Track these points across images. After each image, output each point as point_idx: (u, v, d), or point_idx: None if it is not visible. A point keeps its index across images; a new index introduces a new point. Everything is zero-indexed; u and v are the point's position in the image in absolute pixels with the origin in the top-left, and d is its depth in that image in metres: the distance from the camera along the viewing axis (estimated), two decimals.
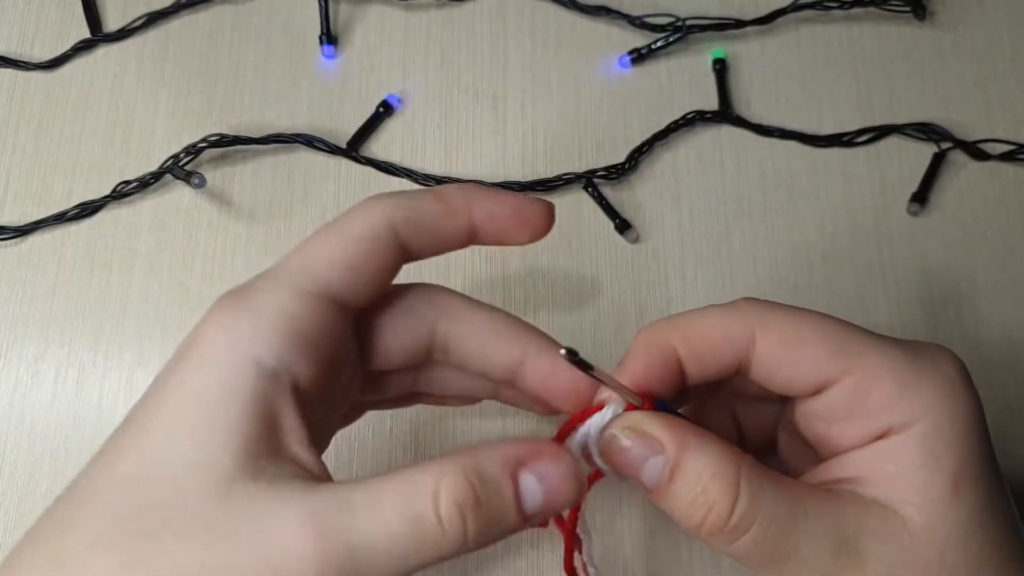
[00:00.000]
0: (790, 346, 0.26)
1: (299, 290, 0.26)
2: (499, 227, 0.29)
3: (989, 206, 0.46)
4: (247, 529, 0.22)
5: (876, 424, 0.25)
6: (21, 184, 0.47)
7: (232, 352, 0.24)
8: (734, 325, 0.27)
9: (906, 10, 0.49)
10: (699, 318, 0.28)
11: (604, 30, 0.50)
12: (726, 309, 0.27)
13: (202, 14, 0.50)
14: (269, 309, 0.25)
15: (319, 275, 0.26)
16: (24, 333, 0.44)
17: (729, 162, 0.47)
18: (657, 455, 0.25)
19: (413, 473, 0.23)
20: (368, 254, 0.27)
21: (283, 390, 0.24)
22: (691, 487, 0.25)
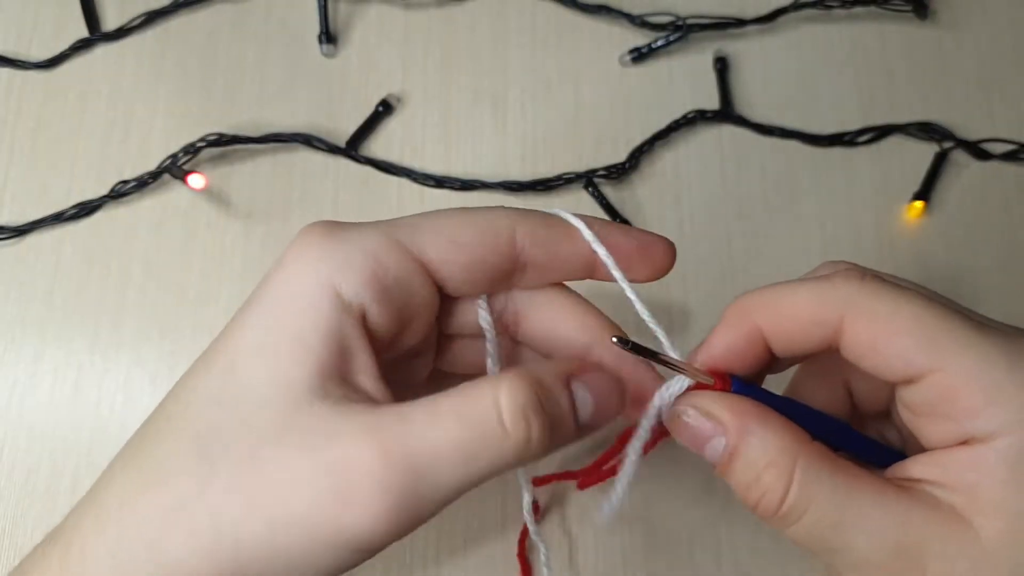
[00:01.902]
0: (878, 336, 0.25)
1: (392, 240, 0.26)
2: (622, 261, 0.28)
3: (991, 206, 0.46)
4: (313, 444, 0.23)
5: (960, 429, 0.24)
6: (19, 184, 0.47)
7: (316, 278, 0.25)
8: (824, 308, 0.26)
9: (908, 9, 0.49)
10: (790, 295, 0.27)
11: (605, 29, 0.50)
12: (819, 286, 0.26)
13: (201, 13, 0.50)
14: (358, 247, 0.26)
15: (419, 236, 0.26)
16: (22, 334, 0.44)
17: (730, 161, 0.47)
18: (719, 436, 0.26)
19: (471, 386, 0.24)
20: (477, 242, 0.27)
21: (356, 323, 0.25)
22: (747, 473, 0.25)
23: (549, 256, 0.28)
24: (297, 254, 0.26)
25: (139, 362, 0.43)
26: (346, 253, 0.25)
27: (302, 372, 0.24)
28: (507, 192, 0.46)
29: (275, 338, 0.24)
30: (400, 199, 0.46)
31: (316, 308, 0.25)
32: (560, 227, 0.28)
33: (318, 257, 0.25)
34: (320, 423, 0.23)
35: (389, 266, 0.26)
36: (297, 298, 0.25)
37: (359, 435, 0.23)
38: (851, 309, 0.25)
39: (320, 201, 0.46)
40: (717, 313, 0.45)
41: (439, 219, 0.27)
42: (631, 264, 0.29)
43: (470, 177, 0.47)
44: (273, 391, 0.24)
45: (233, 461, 0.23)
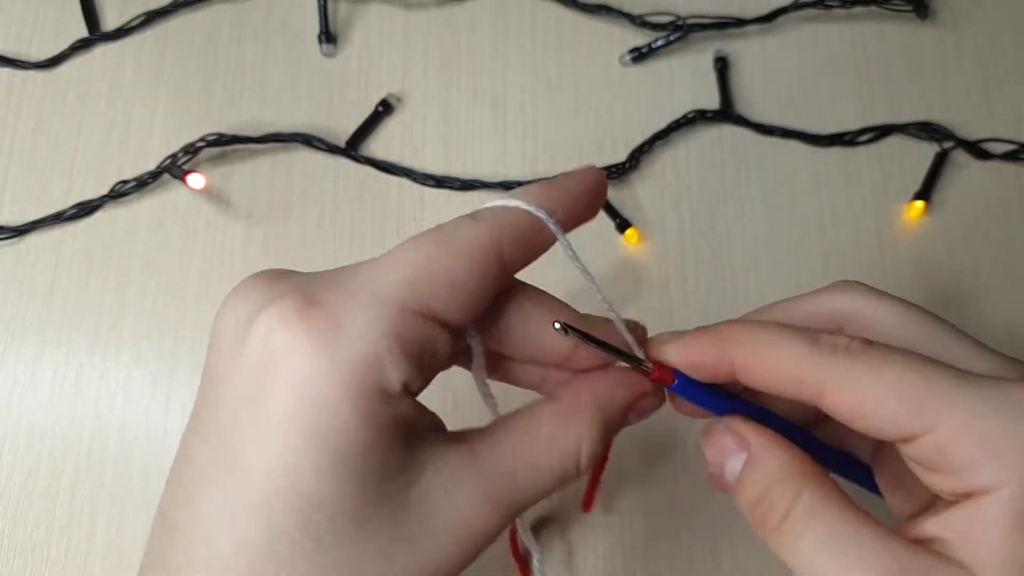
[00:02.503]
0: (863, 404, 0.25)
1: (397, 307, 0.23)
2: (576, 217, 0.29)
3: (991, 206, 0.46)
4: (440, 528, 0.24)
5: (956, 484, 0.24)
6: (18, 184, 0.47)
7: (345, 387, 0.22)
8: (807, 371, 0.25)
9: (908, 9, 0.49)
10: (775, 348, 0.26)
11: (605, 29, 0.50)
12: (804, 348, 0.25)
13: (200, 13, 0.50)
14: (369, 332, 0.22)
15: (419, 292, 0.24)
16: (21, 333, 0.44)
17: (730, 161, 0.47)
18: (741, 453, 0.27)
19: (557, 433, 0.26)
20: (473, 275, 0.25)
21: (407, 400, 0.24)
22: (758, 485, 0.26)
23: (528, 257, 0.27)
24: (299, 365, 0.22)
25: (139, 362, 0.43)
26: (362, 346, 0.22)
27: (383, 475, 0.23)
28: (507, 192, 0.46)
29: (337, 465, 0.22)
30: (400, 199, 0.46)
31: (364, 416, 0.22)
32: (529, 220, 0.27)
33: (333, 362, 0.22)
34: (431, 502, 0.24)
35: (411, 338, 0.23)
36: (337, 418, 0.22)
37: (473, 499, 0.25)
38: (832, 378, 0.25)
39: (320, 201, 0.46)
40: (717, 313, 0.45)
41: (429, 258, 0.24)
42: (583, 213, 0.29)
43: (470, 177, 0.47)
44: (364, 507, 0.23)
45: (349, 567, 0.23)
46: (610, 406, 0.27)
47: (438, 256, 0.24)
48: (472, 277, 0.25)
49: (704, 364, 0.27)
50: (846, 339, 0.25)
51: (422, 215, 0.46)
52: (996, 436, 0.24)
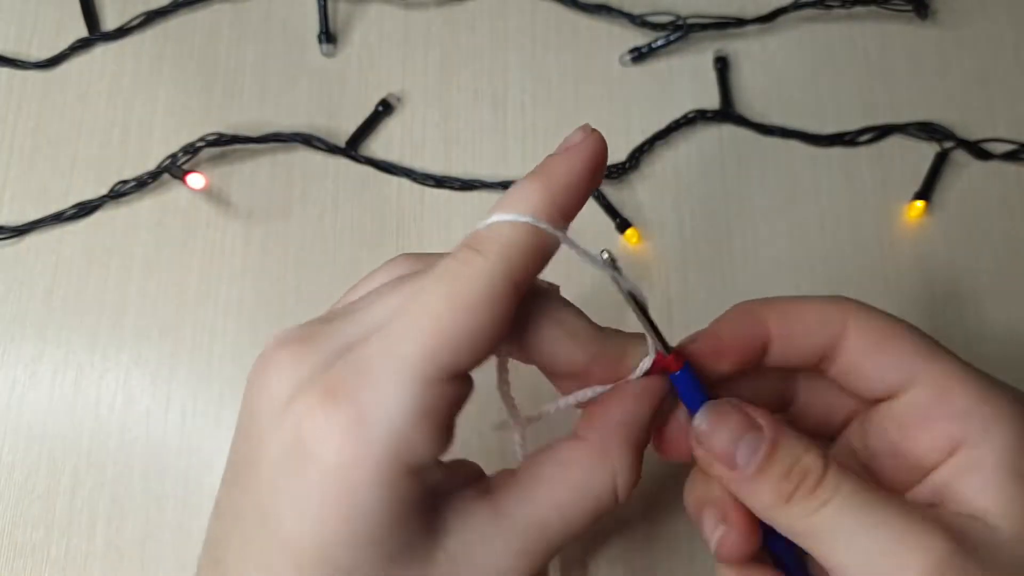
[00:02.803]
0: (881, 340, 0.27)
1: (424, 381, 0.23)
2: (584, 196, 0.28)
3: (992, 206, 0.46)
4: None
5: (953, 430, 0.26)
6: (18, 184, 0.47)
7: (376, 470, 0.22)
8: (831, 311, 0.28)
9: (908, 9, 0.49)
10: (798, 300, 0.29)
11: (605, 29, 0.50)
12: (823, 298, 0.29)
13: (200, 13, 0.50)
14: (396, 413, 0.23)
15: (444, 356, 0.23)
16: (21, 333, 0.44)
17: (730, 161, 0.47)
18: (753, 432, 0.27)
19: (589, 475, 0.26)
20: (495, 320, 0.24)
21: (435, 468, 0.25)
22: (789, 457, 0.26)
23: (539, 270, 0.26)
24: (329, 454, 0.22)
25: (139, 362, 0.43)
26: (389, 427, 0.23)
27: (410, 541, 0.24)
28: (506, 198, 0.46)
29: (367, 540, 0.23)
30: (400, 199, 0.46)
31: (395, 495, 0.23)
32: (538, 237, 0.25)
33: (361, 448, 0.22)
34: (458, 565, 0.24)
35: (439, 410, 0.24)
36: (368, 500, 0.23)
37: (504, 555, 0.25)
38: (855, 317, 0.28)
39: (320, 201, 0.46)
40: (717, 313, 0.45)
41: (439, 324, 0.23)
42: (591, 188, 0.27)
43: (470, 177, 0.47)
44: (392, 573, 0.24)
45: None
46: (636, 428, 0.27)
47: (452, 316, 0.23)
48: (489, 324, 0.24)
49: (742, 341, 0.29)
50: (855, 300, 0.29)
51: (422, 215, 0.46)
52: (988, 388, 0.26)
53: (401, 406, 0.23)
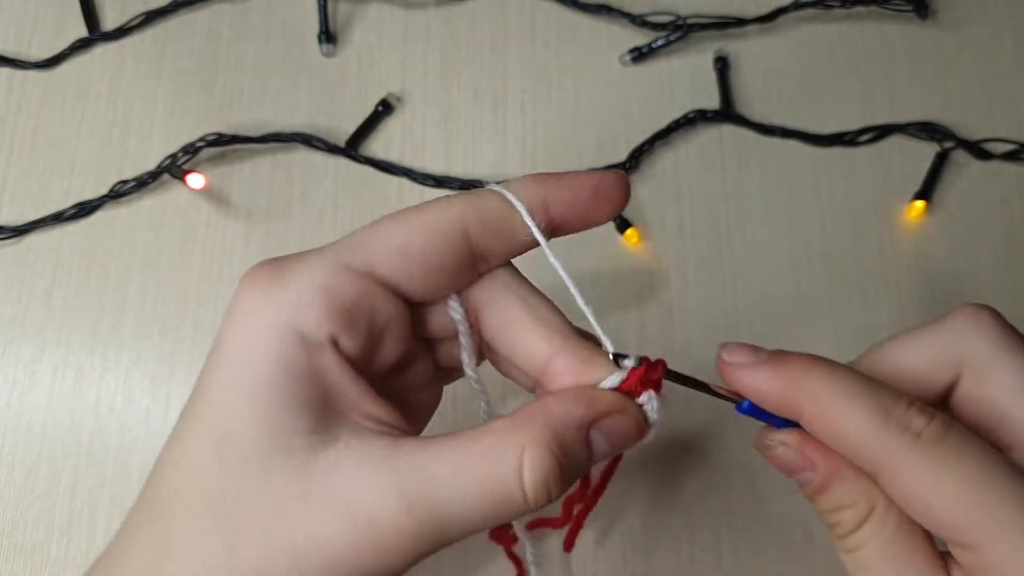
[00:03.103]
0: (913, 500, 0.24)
1: (337, 265, 0.25)
2: (580, 214, 0.27)
3: (992, 205, 0.46)
4: (339, 501, 0.23)
5: None
6: (18, 184, 0.47)
7: (273, 325, 0.24)
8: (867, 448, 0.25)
9: (908, 9, 0.49)
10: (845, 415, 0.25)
11: (605, 29, 0.49)
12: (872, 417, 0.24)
13: (200, 13, 0.50)
14: (305, 282, 0.25)
15: (366, 255, 0.25)
16: (21, 333, 0.44)
17: (730, 161, 0.47)
18: (809, 472, 0.26)
19: (494, 442, 0.24)
20: (428, 248, 0.26)
21: (332, 356, 0.25)
22: (831, 504, 0.26)
23: (504, 241, 0.27)
24: (245, 304, 0.25)
25: (138, 362, 0.43)
26: (296, 292, 0.25)
27: (295, 423, 0.24)
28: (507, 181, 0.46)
29: (254, 394, 0.24)
30: (400, 199, 0.46)
31: (282, 355, 0.24)
32: (503, 206, 0.26)
33: (269, 303, 0.24)
34: (340, 478, 0.23)
35: (343, 292, 0.25)
36: (259, 349, 0.24)
37: (387, 496, 0.23)
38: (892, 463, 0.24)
39: (320, 201, 0.46)
40: (717, 313, 0.45)
41: (384, 229, 0.26)
42: (589, 210, 0.27)
43: (470, 177, 0.46)
44: (273, 448, 0.24)
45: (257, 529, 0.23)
46: (563, 421, 0.25)
47: (394, 226, 0.26)
48: (427, 250, 0.25)
49: (770, 403, 0.26)
50: (922, 423, 0.24)
51: None
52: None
53: (312, 277, 0.25)
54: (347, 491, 0.23)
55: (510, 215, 0.26)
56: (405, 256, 0.26)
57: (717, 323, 0.44)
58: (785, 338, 0.43)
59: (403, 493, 0.23)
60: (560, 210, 0.27)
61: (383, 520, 0.23)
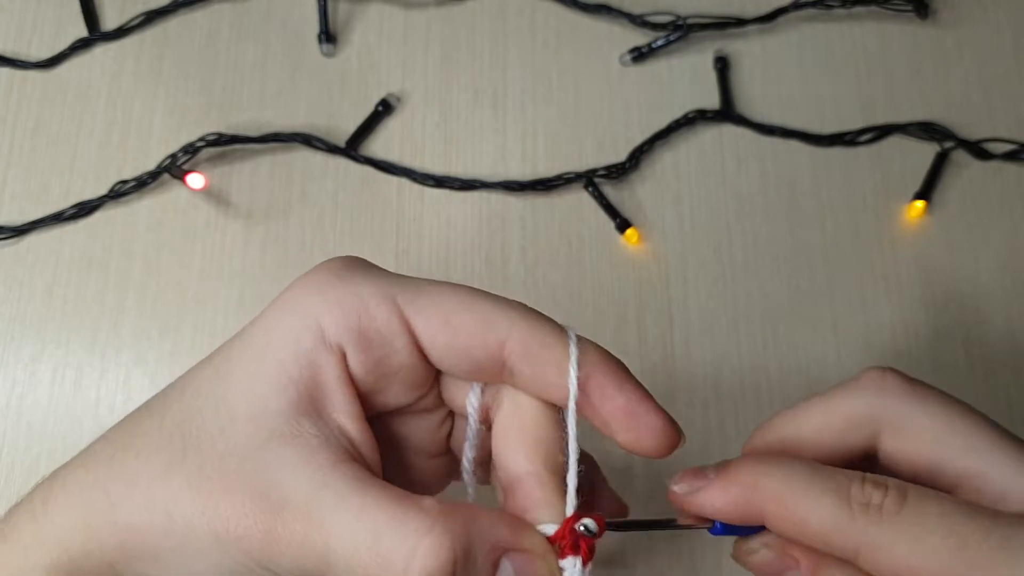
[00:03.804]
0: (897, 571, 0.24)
1: (387, 295, 0.26)
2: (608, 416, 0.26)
3: (992, 205, 0.46)
4: (263, 482, 0.24)
5: None
6: (18, 184, 0.47)
7: (305, 312, 0.25)
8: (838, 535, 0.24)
9: (908, 9, 0.49)
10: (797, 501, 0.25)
11: (605, 29, 0.49)
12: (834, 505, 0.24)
13: (200, 12, 0.50)
14: (353, 292, 0.26)
15: (416, 301, 0.26)
16: (21, 333, 0.44)
17: (730, 161, 0.47)
18: (793, 570, 0.26)
19: (411, 511, 0.23)
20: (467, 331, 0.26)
21: (337, 362, 0.25)
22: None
23: (534, 375, 0.26)
24: (301, 285, 0.26)
25: (138, 361, 0.43)
26: (340, 295, 0.26)
27: (278, 402, 0.25)
28: (507, 192, 0.46)
29: (261, 360, 0.25)
30: (400, 199, 0.46)
31: (298, 341, 0.25)
32: (555, 350, 0.26)
33: (315, 292, 0.26)
34: (276, 459, 0.24)
35: (376, 318, 0.25)
36: (286, 329, 0.25)
37: (297, 491, 0.23)
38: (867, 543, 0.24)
39: (320, 201, 0.46)
40: (717, 313, 0.45)
41: (444, 293, 0.26)
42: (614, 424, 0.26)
43: (470, 177, 0.46)
44: (250, 411, 0.25)
45: (200, 459, 0.24)
46: (483, 531, 0.24)
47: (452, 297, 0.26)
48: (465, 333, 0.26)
49: (732, 518, 0.26)
50: (880, 495, 0.24)
51: (422, 215, 0.46)
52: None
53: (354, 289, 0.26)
54: (274, 476, 0.24)
55: (548, 362, 0.26)
56: (445, 326, 0.26)
57: (717, 323, 0.44)
58: (785, 338, 0.43)
59: (311, 503, 0.23)
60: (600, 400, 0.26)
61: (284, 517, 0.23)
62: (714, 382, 0.43)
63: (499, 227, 0.46)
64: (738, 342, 0.43)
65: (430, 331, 0.26)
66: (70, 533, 0.25)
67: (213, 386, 0.26)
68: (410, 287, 0.26)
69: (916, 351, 0.43)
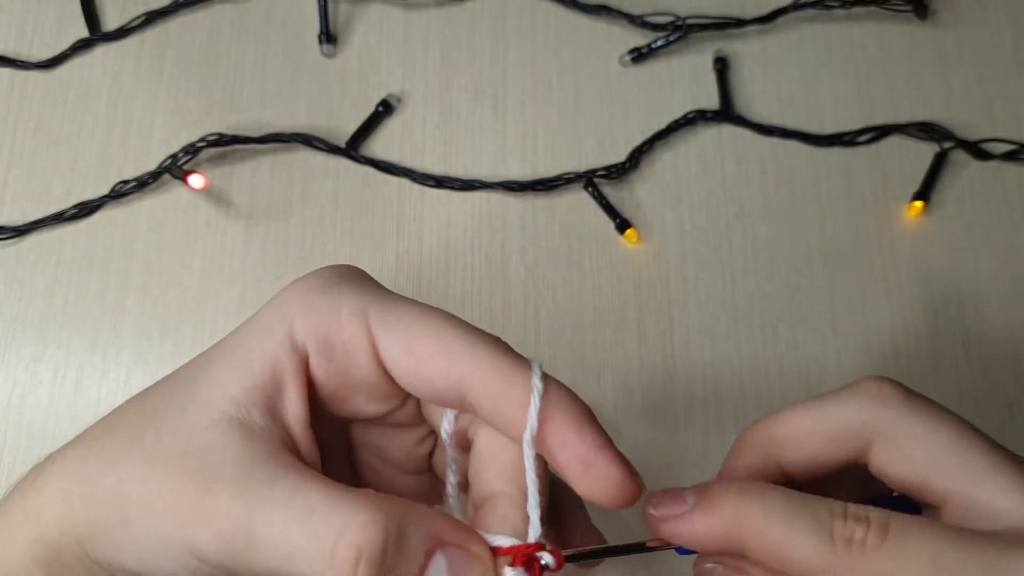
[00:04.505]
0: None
1: (361, 310, 0.26)
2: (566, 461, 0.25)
3: (991, 205, 0.46)
4: (199, 461, 0.24)
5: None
6: (19, 184, 0.47)
7: (283, 311, 0.26)
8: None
9: (908, 9, 0.49)
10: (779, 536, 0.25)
11: (604, 29, 0.50)
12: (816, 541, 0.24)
13: (201, 13, 0.50)
14: (332, 300, 0.26)
15: (387, 322, 0.26)
16: (22, 333, 0.44)
17: (730, 162, 0.47)
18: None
19: (342, 493, 0.23)
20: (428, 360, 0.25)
21: (298, 363, 0.26)
22: None
23: (493, 413, 0.25)
24: (291, 287, 0.27)
25: (139, 361, 0.44)
26: (319, 302, 0.26)
27: (234, 389, 0.25)
28: (507, 192, 0.46)
29: (234, 352, 0.26)
30: (400, 199, 0.46)
31: (268, 336, 0.26)
32: (516, 390, 0.24)
33: (298, 296, 0.26)
34: (210, 446, 0.24)
35: (343, 330, 0.26)
36: (262, 325, 0.26)
37: (220, 478, 0.23)
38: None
39: (320, 201, 0.46)
40: (717, 313, 0.45)
41: (416, 318, 0.26)
42: (568, 472, 0.25)
43: (470, 177, 0.47)
44: (209, 395, 0.25)
45: (156, 438, 0.25)
46: (419, 520, 0.23)
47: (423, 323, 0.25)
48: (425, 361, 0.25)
49: (711, 548, 0.26)
50: (862, 530, 0.24)
51: (422, 215, 0.46)
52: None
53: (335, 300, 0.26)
54: (207, 467, 0.24)
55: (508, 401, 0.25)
56: (408, 352, 0.25)
57: (717, 323, 0.44)
58: (785, 338, 0.43)
59: (239, 481, 0.23)
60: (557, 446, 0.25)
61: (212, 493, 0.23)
62: (714, 382, 0.43)
63: (499, 227, 0.46)
64: (738, 342, 0.43)
65: (393, 353, 0.25)
66: (50, 507, 0.25)
67: (191, 371, 0.26)
68: (385, 305, 0.26)
69: (916, 351, 0.43)
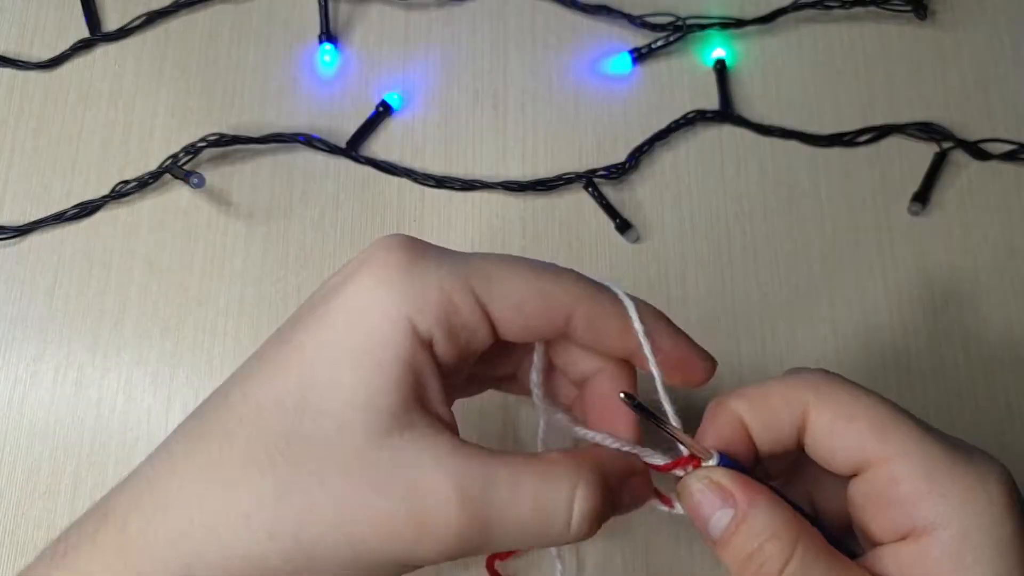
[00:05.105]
0: (837, 419, 0.27)
1: (464, 285, 0.27)
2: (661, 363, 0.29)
3: (990, 206, 0.46)
4: (402, 480, 0.24)
5: (903, 518, 0.25)
6: (20, 184, 0.47)
7: (395, 312, 0.26)
8: (793, 391, 0.28)
9: (907, 9, 0.49)
10: (762, 385, 0.29)
11: (605, 29, 0.50)
12: (788, 377, 0.29)
13: (201, 13, 0.50)
14: (435, 284, 0.26)
15: (491, 289, 0.27)
16: (23, 333, 0.44)
17: (730, 162, 0.47)
18: (727, 508, 0.27)
19: (551, 467, 0.26)
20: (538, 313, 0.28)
21: (429, 355, 0.26)
22: (751, 541, 0.26)
23: (597, 341, 0.29)
24: (375, 280, 0.26)
25: (140, 362, 0.44)
26: (423, 289, 0.26)
27: (388, 401, 0.25)
28: (507, 192, 0.46)
29: (357, 364, 0.25)
30: (400, 199, 0.46)
31: (396, 343, 0.26)
32: (617, 317, 0.29)
33: (398, 291, 0.26)
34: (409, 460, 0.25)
35: (461, 311, 0.27)
36: (376, 330, 0.26)
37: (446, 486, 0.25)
38: (816, 395, 0.27)
39: (320, 201, 0.46)
40: (717, 313, 0.45)
41: (511, 275, 0.28)
42: (667, 368, 0.29)
43: (470, 177, 0.47)
44: (359, 416, 0.25)
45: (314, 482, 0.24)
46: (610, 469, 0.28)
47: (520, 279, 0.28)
48: (536, 315, 0.28)
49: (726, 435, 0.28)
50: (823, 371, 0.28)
51: (422, 215, 0.46)
52: (943, 477, 0.25)
53: (436, 282, 0.26)
54: (412, 473, 0.24)
55: (613, 329, 0.29)
56: (518, 311, 0.27)
57: (717, 323, 0.44)
58: (785, 338, 0.44)
59: (462, 488, 0.24)
60: (664, 343, 0.29)
61: (436, 508, 0.24)
62: (714, 382, 0.43)
63: (499, 227, 0.46)
64: (738, 342, 0.44)
65: (505, 317, 0.27)
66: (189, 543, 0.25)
67: (305, 394, 0.25)
68: (481, 273, 0.27)
69: (915, 351, 0.43)
